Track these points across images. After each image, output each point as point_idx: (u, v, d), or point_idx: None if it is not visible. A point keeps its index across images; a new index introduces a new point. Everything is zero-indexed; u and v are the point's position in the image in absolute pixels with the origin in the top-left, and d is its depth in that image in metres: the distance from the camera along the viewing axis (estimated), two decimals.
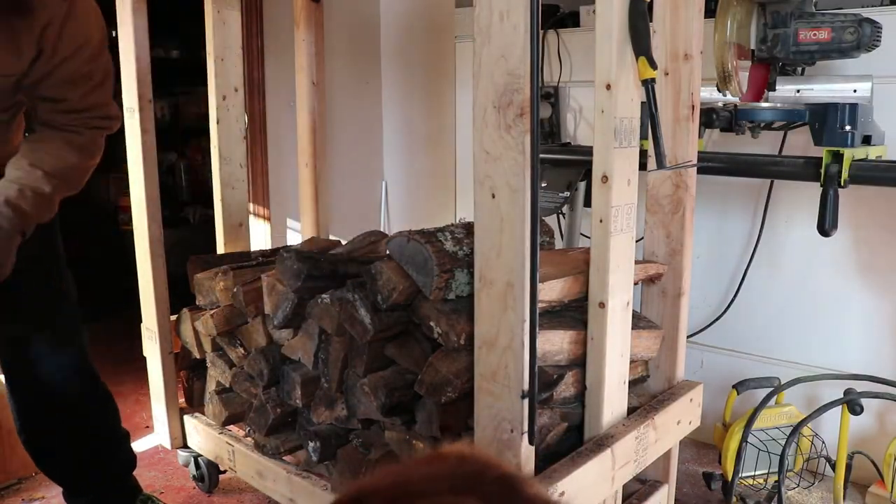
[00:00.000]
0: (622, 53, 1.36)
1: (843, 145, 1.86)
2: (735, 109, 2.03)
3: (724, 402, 2.22)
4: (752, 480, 2.13)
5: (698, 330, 2.54)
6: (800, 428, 1.96)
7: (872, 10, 2.14)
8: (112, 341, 3.36)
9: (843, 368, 2.23)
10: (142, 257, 2.21)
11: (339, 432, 1.80)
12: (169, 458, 2.46)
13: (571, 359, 1.53)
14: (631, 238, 1.49)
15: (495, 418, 1.37)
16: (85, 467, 1.92)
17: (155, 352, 2.23)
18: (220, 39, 2.31)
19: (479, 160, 1.32)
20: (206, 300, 2.08)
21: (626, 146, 1.42)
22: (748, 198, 2.45)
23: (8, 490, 2.30)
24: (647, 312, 1.79)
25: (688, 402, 1.75)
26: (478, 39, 1.29)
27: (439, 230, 1.55)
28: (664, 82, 1.66)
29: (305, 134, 2.55)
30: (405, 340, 1.62)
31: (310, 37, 2.48)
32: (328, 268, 1.77)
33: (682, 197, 1.72)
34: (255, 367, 1.91)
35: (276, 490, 1.94)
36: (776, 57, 1.99)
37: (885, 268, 2.25)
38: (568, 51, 2.75)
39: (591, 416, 1.52)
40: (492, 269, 1.33)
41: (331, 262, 1.80)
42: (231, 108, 2.36)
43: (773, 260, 2.44)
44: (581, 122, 2.79)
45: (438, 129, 3.18)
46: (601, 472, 1.44)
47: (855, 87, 2.03)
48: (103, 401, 1.95)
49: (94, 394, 1.91)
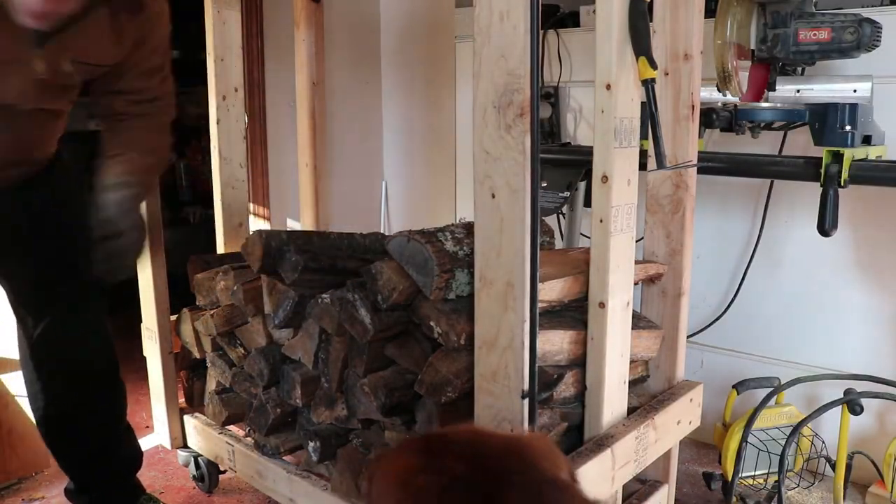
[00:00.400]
0: (622, 53, 1.36)
1: (843, 145, 1.86)
2: (735, 109, 2.03)
3: (724, 402, 2.22)
4: (752, 480, 2.13)
5: (698, 330, 2.54)
6: (800, 428, 1.96)
7: (872, 10, 2.14)
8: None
9: (843, 368, 2.23)
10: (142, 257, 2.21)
11: (339, 432, 1.80)
12: (169, 458, 2.46)
13: (571, 359, 1.53)
14: (631, 238, 1.49)
15: (495, 418, 1.37)
16: (94, 457, 1.93)
17: (155, 352, 2.23)
18: (220, 39, 2.31)
19: (479, 160, 1.32)
20: (207, 300, 2.08)
21: (626, 146, 1.42)
22: (748, 198, 2.45)
23: (8, 490, 2.30)
24: (647, 312, 1.79)
25: (688, 402, 1.75)
26: (478, 39, 1.29)
27: (439, 230, 1.55)
28: (664, 82, 1.66)
29: (305, 134, 2.55)
30: (405, 340, 1.62)
31: (310, 37, 2.48)
32: (327, 262, 1.77)
33: (682, 197, 1.72)
34: (255, 367, 1.91)
35: (276, 490, 1.94)
36: (776, 57, 1.99)
37: (885, 268, 2.25)
38: (568, 51, 2.75)
39: (591, 416, 1.52)
40: (492, 269, 1.33)
41: (330, 256, 1.80)
42: (231, 108, 2.36)
43: (773, 260, 2.44)
44: (581, 122, 2.79)
45: (438, 129, 3.18)
46: (601, 472, 1.44)
47: (855, 87, 2.03)
48: (118, 382, 1.95)
49: (111, 369, 1.92)
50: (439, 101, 3.15)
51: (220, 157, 2.37)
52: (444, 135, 3.18)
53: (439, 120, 3.17)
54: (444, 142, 3.18)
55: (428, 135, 3.19)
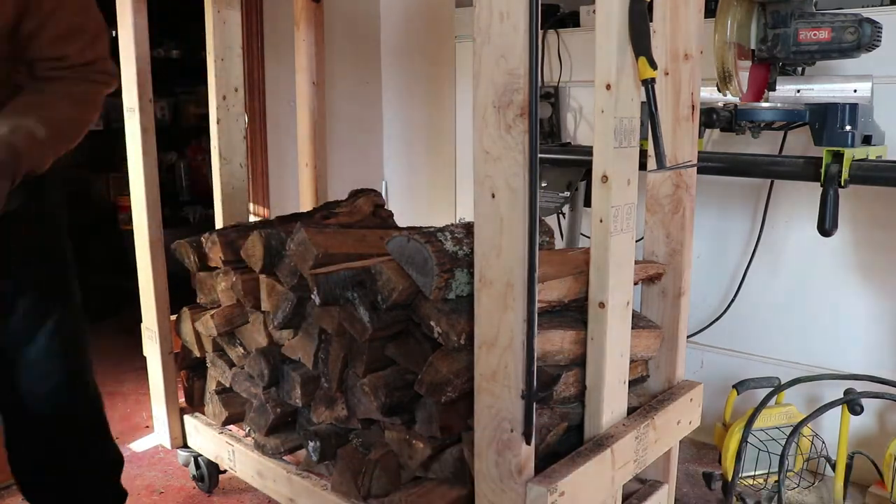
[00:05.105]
0: (622, 53, 1.36)
1: (844, 145, 1.86)
2: (735, 109, 2.03)
3: (724, 402, 2.22)
4: (752, 480, 2.13)
5: (698, 330, 2.54)
6: (800, 428, 1.96)
7: (872, 10, 2.14)
8: (112, 341, 3.37)
9: (843, 368, 2.23)
10: (142, 257, 2.21)
11: (339, 432, 1.80)
12: (169, 458, 2.46)
13: (571, 359, 1.53)
14: (631, 238, 1.49)
15: (495, 418, 1.37)
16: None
17: (155, 352, 2.23)
18: (220, 39, 2.31)
19: (479, 160, 1.32)
20: (208, 299, 2.09)
21: (626, 146, 1.42)
22: (748, 198, 2.45)
23: (8, 490, 2.30)
24: (647, 312, 1.79)
25: (688, 402, 1.75)
26: (478, 39, 1.29)
27: (439, 230, 1.55)
28: (664, 82, 1.66)
29: (305, 134, 2.55)
30: (405, 340, 1.62)
31: (310, 37, 2.48)
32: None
33: (682, 197, 1.72)
34: (256, 367, 1.91)
35: (276, 490, 1.94)
36: (776, 57, 1.99)
37: (885, 268, 2.25)
38: (568, 51, 2.75)
39: (591, 415, 1.52)
40: (492, 269, 1.33)
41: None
42: (231, 108, 2.36)
43: (773, 260, 2.44)
44: (581, 122, 2.79)
45: (438, 129, 3.18)
46: (601, 472, 1.44)
47: (855, 87, 2.04)
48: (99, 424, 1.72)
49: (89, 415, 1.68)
50: (439, 101, 3.15)
51: (220, 157, 2.38)
52: (444, 135, 3.18)
53: (439, 120, 3.17)
54: (444, 142, 3.18)
55: (428, 135, 3.19)
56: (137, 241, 2.21)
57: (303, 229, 1.74)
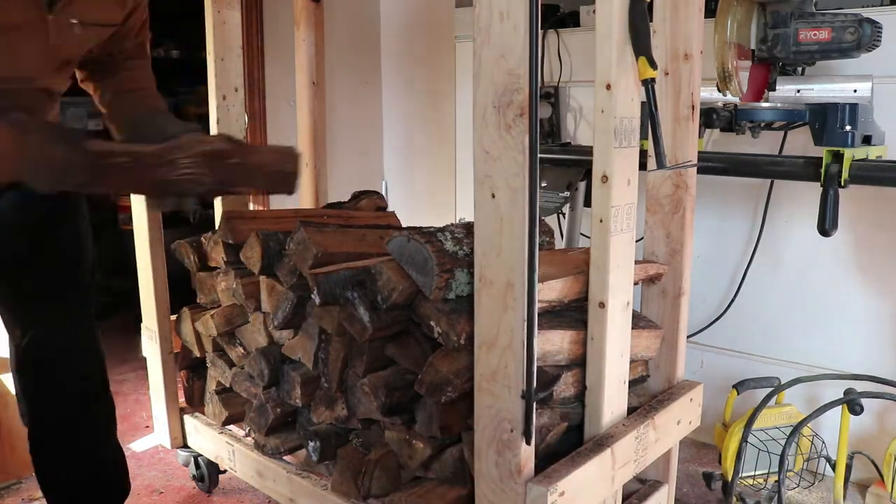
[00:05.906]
0: (622, 53, 1.36)
1: (844, 145, 1.86)
2: (735, 109, 2.03)
3: (724, 402, 2.22)
4: (752, 480, 2.13)
5: (698, 330, 2.54)
6: (800, 428, 1.96)
7: (872, 10, 2.14)
8: (112, 341, 3.36)
9: (843, 368, 2.23)
10: (142, 257, 2.21)
11: (339, 432, 1.80)
12: (169, 458, 2.46)
13: (571, 359, 1.53)
14: (631, 238, 1.49)
15: (495, 418, 1.37)
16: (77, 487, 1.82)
17: (155, 352, 2.23)
18: (220, 39, 2.31)
19: (478, 160, 1.32)
20: (208, 299, 2.09)
21: (626, 146, 1.42)
22: (748, 198, 2.45)
23: (8, 490, 2.30)
24: (647, 312, 1.79)
25: (688, 402, 1.75)
26: (478, 39, 1.29)
27: (439, 230, 1.55)
28: (664, 82, 1.66)
29: (305, 134, 2.55)
30: (405, 340, 1.62)
31: (310, 37, 2.48)
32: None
33: (682, 197, 1.71)
34: (256, 367, 1.91)
35: (276, 490, 1.94)
36: (776, 57, 1.99)
37: (885, 268, 2.25)
38: (568, 51, 2.75)
39: (591, 415, 1.52)
40: (492, 269, 1.33)
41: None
42: (231, 107, 2.36)
43: (773, 260, 2.44)
44: (581, 122, 2.79)
45: (438, 129, 3.18)
46: (601, 472, 1.44)
47: (855, 87, 2.04)
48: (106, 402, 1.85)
49: (98, 389, 1.82)
50: (439, 101, 3.15)
51: None
52: (444, 135, 3.18)
53: (439, 120, 3.17)
54: (444, 142, 3.18)
55: (428, 135, 3.19)
56: (137, 241, 2.21)
57: (302, 228, 1.74)
